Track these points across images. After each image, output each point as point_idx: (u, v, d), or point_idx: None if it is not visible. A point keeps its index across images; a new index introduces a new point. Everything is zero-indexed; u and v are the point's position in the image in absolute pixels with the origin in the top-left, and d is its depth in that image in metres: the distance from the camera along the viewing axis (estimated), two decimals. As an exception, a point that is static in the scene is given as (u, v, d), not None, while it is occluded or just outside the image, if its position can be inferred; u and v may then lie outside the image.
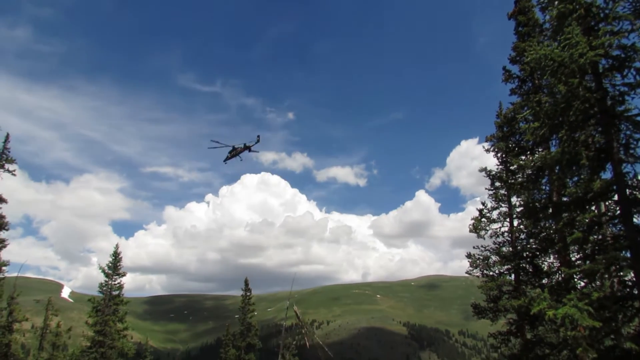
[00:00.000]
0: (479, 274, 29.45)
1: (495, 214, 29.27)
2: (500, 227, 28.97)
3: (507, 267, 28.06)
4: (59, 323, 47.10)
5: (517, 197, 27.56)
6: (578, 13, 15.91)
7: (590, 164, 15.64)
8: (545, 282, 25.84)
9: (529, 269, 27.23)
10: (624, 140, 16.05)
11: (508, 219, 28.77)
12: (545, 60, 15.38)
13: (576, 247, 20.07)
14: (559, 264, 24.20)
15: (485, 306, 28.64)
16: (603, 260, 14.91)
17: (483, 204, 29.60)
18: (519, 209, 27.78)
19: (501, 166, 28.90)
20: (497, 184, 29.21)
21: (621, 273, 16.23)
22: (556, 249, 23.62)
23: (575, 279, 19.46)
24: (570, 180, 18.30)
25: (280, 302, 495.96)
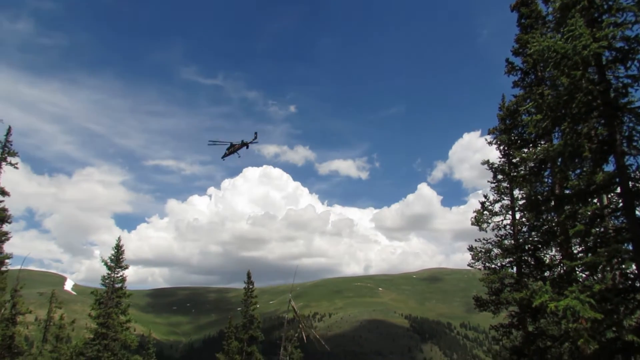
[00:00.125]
0: (481, 266, 29.48)
1: (497, 207, 29.27)
2: (502, 220, 28.97)
3: (509, 259, 28.08)
4: (62, 315, 47.42)
5: (520, 189, 27.53)
6: (581, 4, 15.82)
7: (592, 157, 15.60)
8: (547, 274, 25.84)
9: (531, 261, 27.24)
10: (626, 132, 15.99)
11: (510, 212, 28.76)
12: (549, 52, 15.29)
13: (578, 240, 20.07)
14: (560, 256, 24.18)
15: (487, 299, 28.67)
16: (605, 253, 14.91)
17: (485, 196, 29.59)
18: (521, 201, 27.79)
19: (503, 159, 28.83)
20: (500, 176, 29.17)
21: (623, 266, 16.23)
22: (558, 242, 23.60)
23: (577, 271, 19.46)
24: (573, 173, 18.24)
25: (283, 294, 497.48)
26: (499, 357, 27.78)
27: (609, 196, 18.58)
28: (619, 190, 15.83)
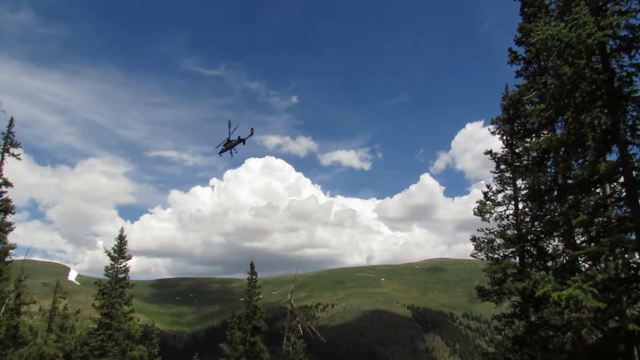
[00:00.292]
0: (483, 256, 29.49)
1: (500, 197, 29.21)
2: (505, 210, 28.92)
3: (512, 249, 28.07)
4: (66, 306, 47.65)
5: (522, 179, 27.45)
6: (586, -8, 15.63)
7: (596, 146, 15.50)
8: (550, 264, 25.84)
9: (534, 251, 27.23)
10: (630, 121, 15.90)
11: (513, 202, 28.70)
12: (552, 41, 15.13)
13: (581, 230, 20.03)
14: (563, 246, 24.16)
15: (490, 289, 28.71)
16: (608, 243, 14.88)
17: (488, 186, 29.51)
18: (524, 191, 27.72)
19: (506, 149, 28.72)
20: (502, 166, 29.06)
21: (626, 255, 16.20)
22: (561, 232, 23.58)
23: (580, 261, 19.45)
24: (576, 163, 18.15)
25: (285, 285, 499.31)
26: (501, 347, 27.84)
27: (612, 186, 18.54)
28: (622, 179, 15.76)
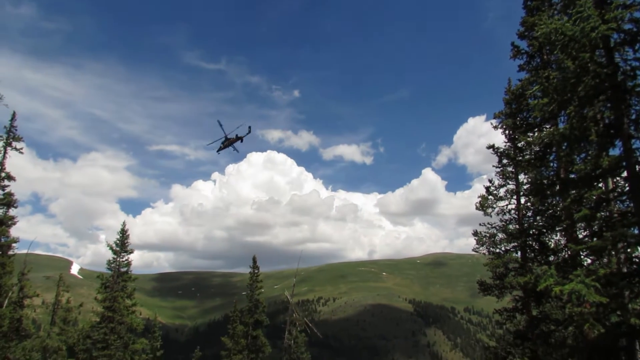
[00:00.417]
0: (485, 251, 29.44)
1: (502, 192, 29.14)
2: (507, 205, 28.87)
3: (514, 244, 28.05)
4: (69, 299, 47.87)
5: (525, 174, 27.40)
6: (590, -15, 15.51)
7: (599, 140, 15.44)
8: (552, 259, 25.83)
9: (536, 246, 27.23)
10: (634, 115, 15.81)
11: (515, 197, 28.65)
12: (556, 35, 15.05)
13: (583, 224, 19.99)
14: (565, 241, 24.15)
15: (491, 283, 28.70)
16: (611, 237, 14.84)
17: (490, 181, 29.46)
18: (526, 186, 27.66)
19: (509, 143, 28.64)
20: (505, 161, 28.99)
21: (629, 250, 16.18)
22: (563, 227, 23.55)
23: (582, 255, 19.43)
24: (578, 157, 18.10)
25: (287, 279, 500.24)
26: (503, 341, 27.86)
27: (615, 180, 18.47)
28: (625, 174, 15.71)
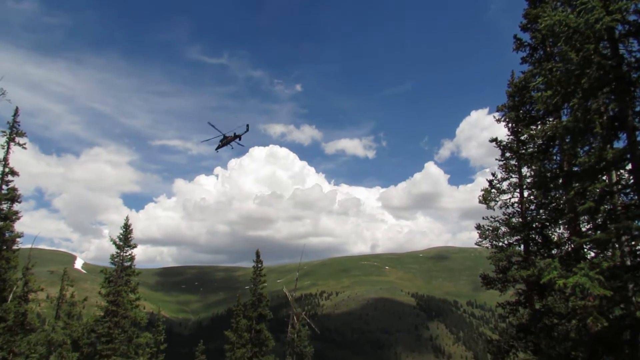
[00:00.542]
0: (488, 245, 29.38)
1: (505, 185, 29.05)
2: (510, 198, 28.79)
3: (517, 237, 28.00)
4: (73, 293, 48.09)
5: (528, 167, 27.32)
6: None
7: (603, 133, 15.36)
8: (555, 252, 25.80)
9: (539, 239, 27.17)
10: (638, 108, 15.73)
11: (518, 190, 28.57)
12: (560, 27, 14.93)
13: (587, 217, 19.92)
14: (568, 234, 24.09)
15: (494, 277, 28.68)
16: (614, 230, 14.79)
17: (493, 174, 29.38)
18: (530, 179, 27.59)
19: (512, 136, 28.52)
20: (508, 154, 28.89)
21: (633, 243, 16.13)
22: (566, 220, 23.48)
23: (585, 249, 19.37)
24: (582, 150, 18.01)
25: (290, 273, 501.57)
26: (506, 334, 27.87)
27: (618, 173, 18.39)
28: (629, 166, 15.64)
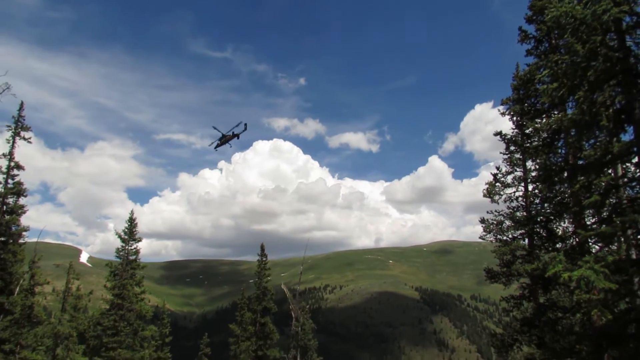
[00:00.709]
0: (492, 238, 29.31)
1: (509, 179, 28.93)
2: (514, 192, 28.68)
3: (521, 231, 27.91)
4: (79, 287, 48.39)
5: (532, 161, 27.19)
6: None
7: (609, 126, 15.24)
8: (559, 246, 25.72)
9: (543, 233, 27.08)
10: (645, 100, 15.57)
11: (523, 184, 28.46)
12: (566, 18, 14.79)
13: (592, 211, 19.83)
14: (573, 228, 24.00)
15: (498, 271, 28.61)
16: (620, 224, 14.71)
17: (497, 168, 29.25)
18: (534, 173, 27.47)
19: (516, 130, 28.37)
20: (512, 148, 28.75)
21: (639, 236, 16.04)
22: (571, 214, 23.38)
23: (590, 242, 19.30)
24: (587, 143, 17.89)
25: (294, 267, 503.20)
26: (510, 328, 27.87)
27: (624, 166, 18.28)
28: (635, 159, 15.54)
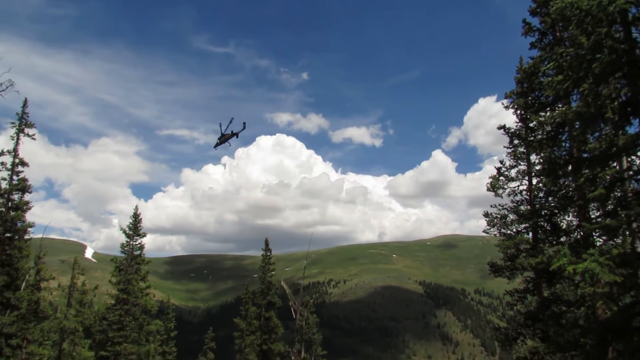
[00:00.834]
0: (496, 232, 29.30)
1: (513, 172, 28.88)
2: (518, 186, 28.63)
3: (525, 225, 27.89)
4: (84, 282, 48.63)
5: (537, 154, 27.10)
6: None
7: (615, 118, 15.15)
8: (564, 240, 25.69)
9: (547, 227, 27.04)
10: (651, 93, 15.48)
11: (527, 177, 28.41)
12: (571, 10, 14.68)
13: (596, 205, 19.77)
14: (578, 221, 23.96)
15: (502, 264, 28.61)
16: (625, 217, 14.66)
17: (501, 162, 29.19)
18: (538, 166, 27.40)
19: (520, 123, 28.27)
20: (516, 141, 28.66)
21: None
22: (575, 207, 23.33)
23: (595, 236, 19.25)
24: (592, 136, 17.80)
25: (298, 262, 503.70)
26: (514, 322, 27.87)
27: (629, 159, 18.20)
28: (642, 152, 15.47)
